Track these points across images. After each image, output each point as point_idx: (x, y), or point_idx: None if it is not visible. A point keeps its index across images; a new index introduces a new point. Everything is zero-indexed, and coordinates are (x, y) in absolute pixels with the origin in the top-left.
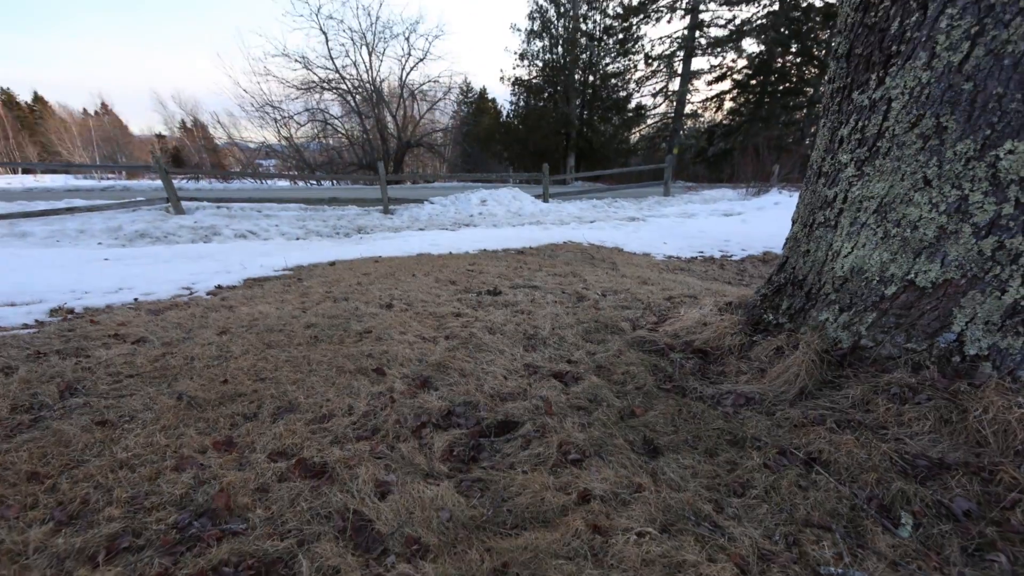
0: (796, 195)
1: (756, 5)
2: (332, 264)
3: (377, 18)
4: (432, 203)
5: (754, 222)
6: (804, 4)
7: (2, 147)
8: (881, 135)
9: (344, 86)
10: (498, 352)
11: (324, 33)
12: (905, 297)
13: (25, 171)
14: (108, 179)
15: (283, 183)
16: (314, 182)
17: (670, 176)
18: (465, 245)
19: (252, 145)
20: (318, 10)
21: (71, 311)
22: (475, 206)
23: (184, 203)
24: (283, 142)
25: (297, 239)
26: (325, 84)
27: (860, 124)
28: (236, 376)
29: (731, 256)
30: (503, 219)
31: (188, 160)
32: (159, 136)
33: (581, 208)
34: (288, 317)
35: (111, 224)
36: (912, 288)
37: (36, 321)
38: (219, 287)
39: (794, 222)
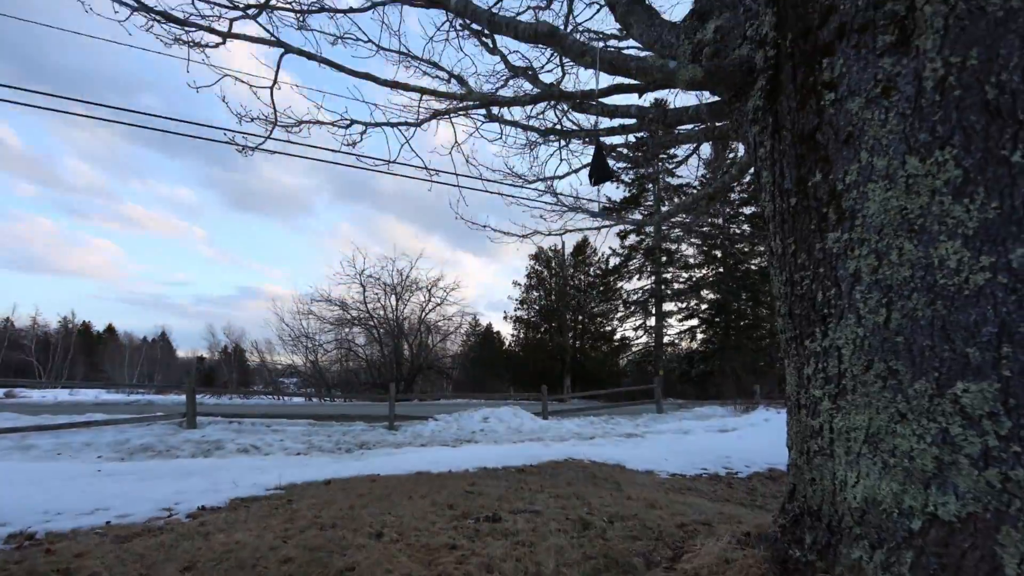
0: (783, 412)
1: (707, 268)
2: (327, 483)
3: (407, 276)
4: (436, 420)
5: (750, 438)
6: (744, 267)
7: (58, 365)
8: (842, 375)
9: (372, 322)
10: None
11: (363, 287)
12: (935, 533)
13: (64, 386)
14: (136, 394)
15: (299, 399)
16: (328, 399)
17: (661, 395)
18: (465, 463)
19: (280, 366)
20: (361, 272)
21: (31, 536)
22: (477, 423)
23: (199, 418)
24: (308, 364)
25: (298, 454)
26: (356, 321)
27: (821, 365)
28: None
29: (736, 473)
30: (504, 436)
31: (219, 379)
32: (200, 359)
33: (580, 425)
34: (265, 548)
35: (119, 437)
36: (939, 523)
37: None
38: (202, 508)
39: (790, 448)
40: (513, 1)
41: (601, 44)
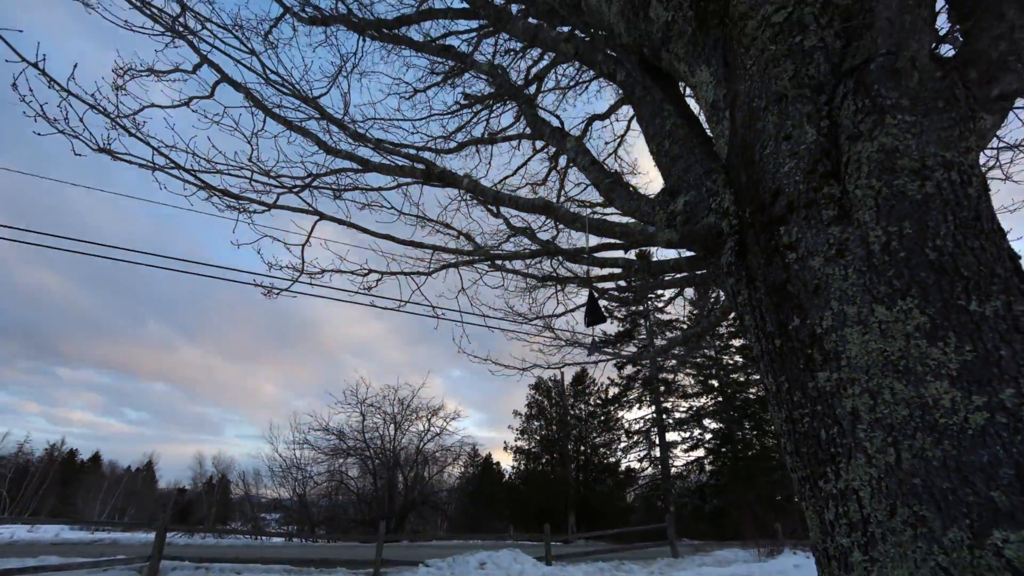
0: (811, 557)
1: (706, 397)
2: None
3: (407, 405)
4: (427, 566)
5: None
6: (742, 396)
7: (29, 497)
8: (867, 521)
9: (368, 453)
10: None
11: (363, 415)
12: None
13: (25, 522)
14: (101, 531)
15: (278, 539)
16: (310, 539)
17: (674, 535)
18: None
19: (264, 500)
20: (363, 400)
21: None
22: (473, 570)
23: (165, 562)
24: (295, 498)
25: None
26: (351, 451)
27: (842, 510)
28: None
29: None
30: None
31: (197, 512)
32: (180, 490)
33: (587, 572)
34: None
35: None
36: None
37: None
38: None
39: None
40: (515, 179)
41: (588, 211)
